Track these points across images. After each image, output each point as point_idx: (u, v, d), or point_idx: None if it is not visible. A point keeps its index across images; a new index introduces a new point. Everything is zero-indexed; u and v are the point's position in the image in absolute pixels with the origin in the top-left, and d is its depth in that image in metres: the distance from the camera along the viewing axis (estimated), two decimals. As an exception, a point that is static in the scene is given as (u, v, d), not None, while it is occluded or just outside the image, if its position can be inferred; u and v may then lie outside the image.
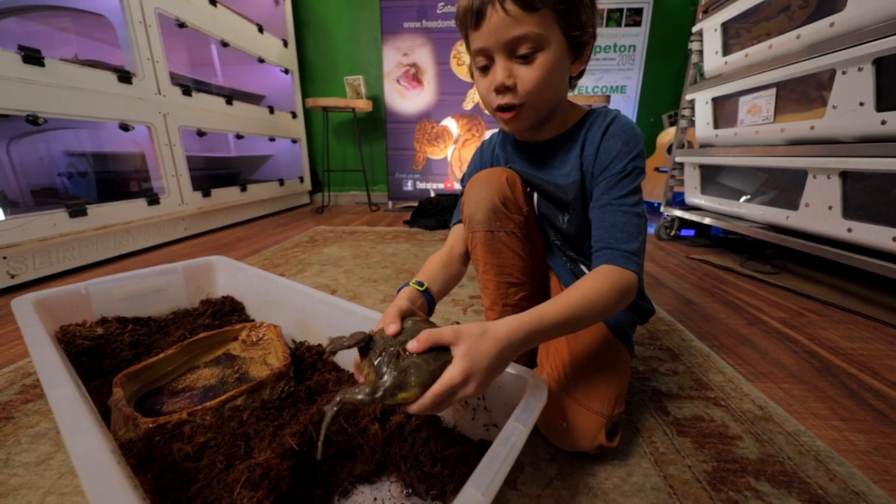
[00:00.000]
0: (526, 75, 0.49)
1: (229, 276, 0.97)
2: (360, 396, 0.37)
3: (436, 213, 2.26)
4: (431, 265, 0.63)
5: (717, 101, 1.71)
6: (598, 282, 0.46)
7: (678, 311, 1.08)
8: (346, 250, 1.69)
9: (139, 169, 1.80)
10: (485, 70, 0.53)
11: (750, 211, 1.53)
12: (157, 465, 0.45)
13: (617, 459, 0.55)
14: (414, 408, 0.37)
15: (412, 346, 0.39)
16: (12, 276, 1.22)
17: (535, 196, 0.65)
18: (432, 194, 2.75)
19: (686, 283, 1.33)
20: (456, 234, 0.69)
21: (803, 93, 1.33)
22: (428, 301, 0.57)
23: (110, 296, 0.84)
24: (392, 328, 0.44)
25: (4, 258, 1.20)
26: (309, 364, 0.69)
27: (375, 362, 0.40)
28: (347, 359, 0.69)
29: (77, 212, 1.39)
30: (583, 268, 0.66)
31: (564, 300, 0.44)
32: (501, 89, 0.51)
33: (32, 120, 1.25)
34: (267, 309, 0.86)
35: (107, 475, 0.32)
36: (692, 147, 1.95)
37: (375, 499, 0.47)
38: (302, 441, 0.49)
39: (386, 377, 0.38)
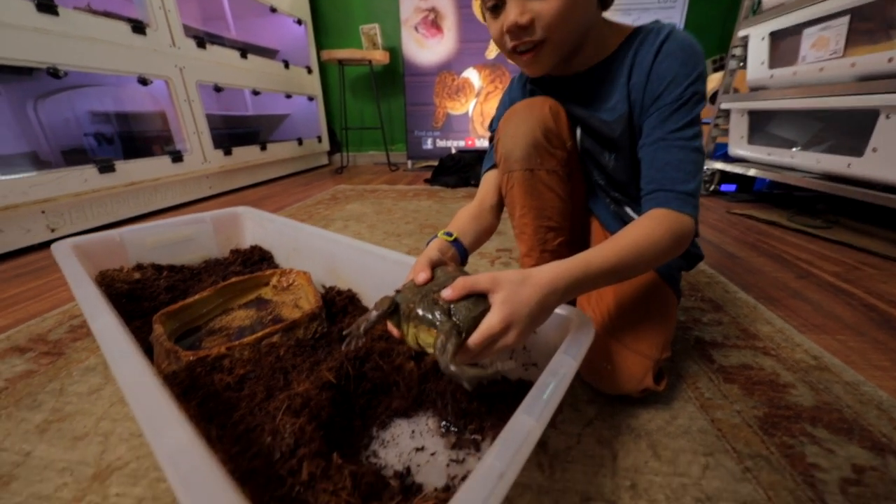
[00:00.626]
0: (543, 8, 0.44)
1: (257, 226, 0.97)
2: (442, 338, 0.33)
3: (458, 170, 2.20)
4: (461, 218, 0.60)
5: (774, 37, 1.52)
6: (650, 227, 0.43)
7: (720, 265, 1.02)
8: (367, 207, 1.69)
9: (161, 129, 1.80)
10: (495, 10, 0.47)
11: (804, 160, 1.40)
12: (200, 394, 0.47)
13: (660, 403, 0.54)
14: (463, 356, 0.36)
15: (447, 293, 0.37)
16: (52, 230, 1.26)
17: (579, 131, 0.60)
18: (453, 151, 2.66)
19: (727, 237, 1.26)
20: (487, 183, 0.64)
21: (883, 21, 1.16)
22: (459, 252, 0.53)
23: (143, 243, 0.85)
24: (422, 276, 0.41)
25: (43, 212, 1.24)
26: (340, 307, 0.69)
27: (419, 312, 0.37)
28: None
29: (106, 168, 1.41)
30: (628, 210, 0.60)
31: (614, 246, 0.41)
32: (514, 30, 0.46)
33: (53, 73, 1.24)
34: (296, 257, 0.87)
35: (152, 396, 0.32)
36: (740, 93, 1.77)
37: (413, 431, 0.47)
38: (338, 376, 0.50)
39: (444, 318, 0.35)
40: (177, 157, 1.72)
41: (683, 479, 0.42)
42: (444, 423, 0.48)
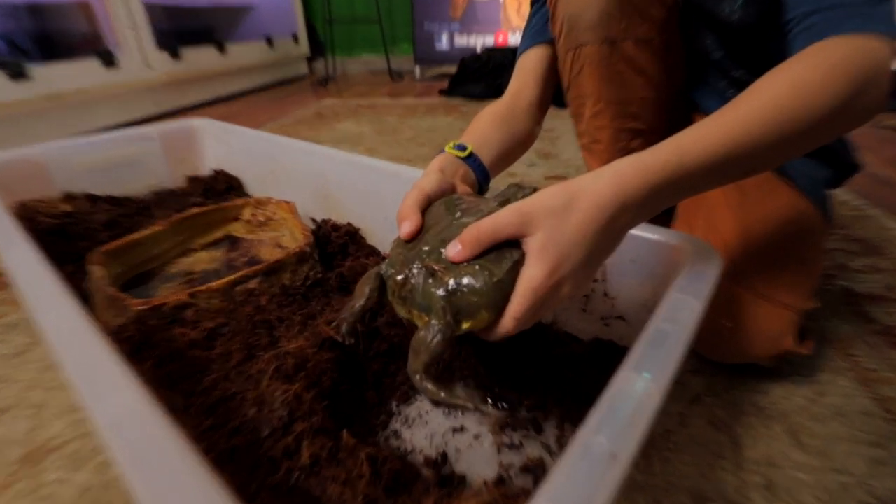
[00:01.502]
0: None
1: (219, 144, 0.94)
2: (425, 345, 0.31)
3: (485, 75, 2.07)
4: (481, 122, 0.54)
5: None
6: (799, 72, 0.32)
7: (871, 193, 0.95)
8: (365, 126, 1.66)
9: (86, 25, 1.74)
10: None
11: None
12: (156, 353, 0.45)
13: (797, 375, 0.50)
14: (493, 335, 0.32)
15: (453, 253, 0.32)
16: (-42, 158, 1.26)
17: None
18: (478, 51, 2.50)
19: (879, 157, 1.18)
20: (525, 69, 0.59)
21: None
22: (478, 173, 0.47)
23: (70, 166, 0.83)
24: (408, 226, 0.36)
25: (-57, 134, 1.23)
26: (337, 247, 0.66)
27: (409, 289, 0.33)
28: (385, 243, 0.65)
29: (16, 73, 1.38)
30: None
31: (731, 114, 0.32)
32: None
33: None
34: (274, 183, 0.84)
35: (91, 352, 0.30)
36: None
37: (448, 409, 0.45)
38: (343, 332, 0.47)
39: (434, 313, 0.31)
40: (108, 59, 1.66)
41: (843, 478, 0.39)
42: (489, 395, 0.46)
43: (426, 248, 0.34)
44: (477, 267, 0.31)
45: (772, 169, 0.37)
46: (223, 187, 0.89)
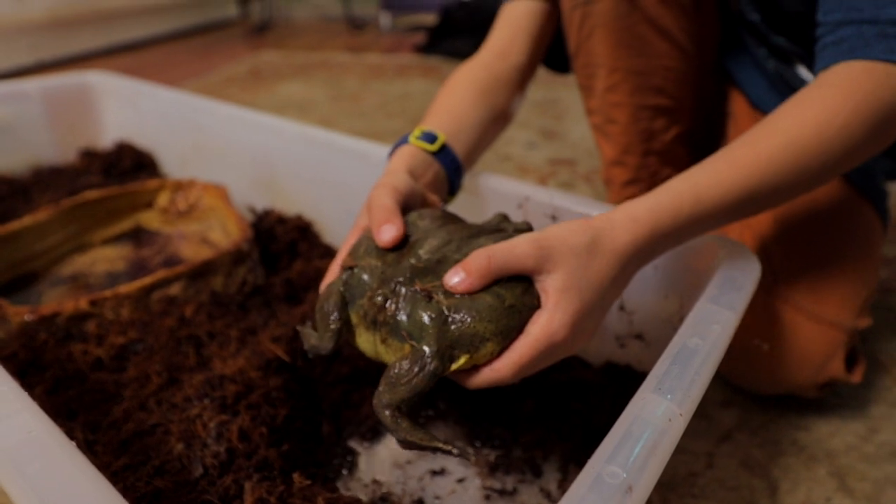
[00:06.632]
0: None
1: (124, 107, 0.94)
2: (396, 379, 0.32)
3: (474, 29, 2.10)
4: (455, 93, 0.54)
5: None
6: (827, 105, 0.39)
7: None
8: (316, 89, 1.67)
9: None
10: None
11: None
12: (48, 376, 0.46)
13: (847, 408, 0.54)
14: (479, 379, 0.34)
15: (455, 281, 0.33)
16: None
17: None
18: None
19: None
20: (514, 22, 0.59)
21: None
22: (447, 169, 0.48)
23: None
24: (389, 233, 0.37)
25: None
26: (285, 245, 0.68)
27: (395, 313, 0.34)
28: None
29: None
30: (801, 71, 0.57)
31: (751, 152, 0.38)
32: None
33: None
34: (198, 160, 0.84)
35: None
36: None
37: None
38: (292, 351, 0.49)
39: (426, 339, 0.32)
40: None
41: (895, 526, 0.43)
42: (476, 431, 0.48)
43: (418, 266, 0.35)
44: (481, 300, 0.33)
45: (804, 194, 0.43)
46: (130, 165, 0.89)
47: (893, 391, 0.56)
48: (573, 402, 0.48)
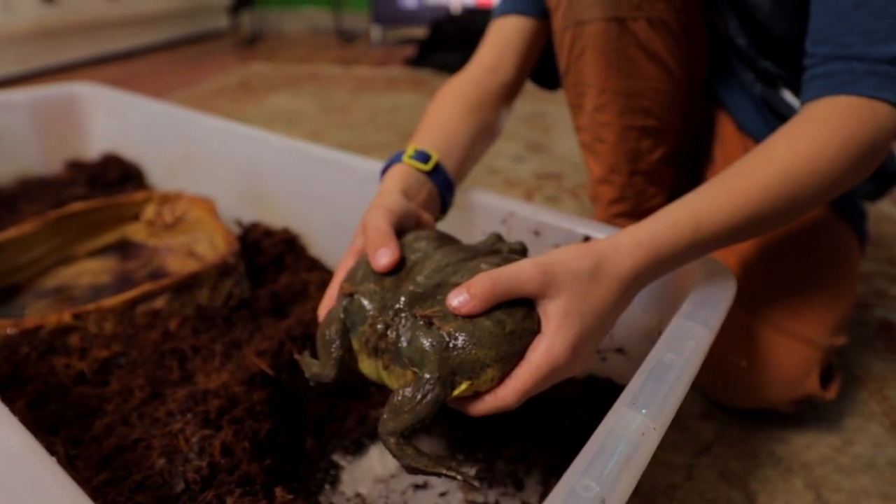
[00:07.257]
0: None
1: (111, 118, 0.94)
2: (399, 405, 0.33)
3: (463, 43, 2.13)
4: (444, 108, 0.55)
5: None
6: (815, 138, 0.41)
7: None
8: (305, 101, 1.68)
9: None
10: None
11: None
12: (30, 390, 0.46)
13: (823, 421, 0.55)
14: (482, 406, 0.35)
15: (458, 303, 0.34)
16: None
17: None
18: (454, 9, 2.57)
19: None
20: (503, 39, 0.60)
21: None
22: (440, 188, 0.49)
23: None
24: (386, 258, 0.37)
25: None
26: (272, 258, 0.68)
27: (396, 340, 0.35)
28: (333, 255, 0.67)
29: None
30: (787, 96, 0.59)
31: (744, 183, 0.40)
32: None
33: None
34: (186, 172, 0.85)
35: None
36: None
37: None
38: (276, 366, 0.49)
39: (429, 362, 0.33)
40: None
41: (869, 538, 0.44)
42: (459, 444, 0.48)
43: (417, 291, 0.36)
44: (482, 323, 0.33)
45: (796, 221, 0.45)
46: (116, 177, 0.89)
47: (868, 404, 0.57)
48: (556, 416, 0.48)
